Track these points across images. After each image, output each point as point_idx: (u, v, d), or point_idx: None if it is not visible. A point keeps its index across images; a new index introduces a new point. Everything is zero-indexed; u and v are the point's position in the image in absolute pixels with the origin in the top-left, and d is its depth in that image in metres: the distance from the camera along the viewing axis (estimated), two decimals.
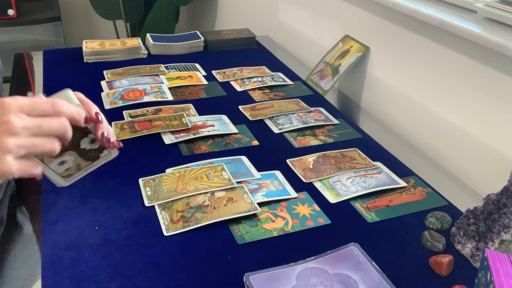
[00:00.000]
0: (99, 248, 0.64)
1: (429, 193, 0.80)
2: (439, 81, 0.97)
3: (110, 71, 1.19)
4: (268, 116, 1.02)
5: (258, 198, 0.75)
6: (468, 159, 0.91)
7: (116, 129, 0.93)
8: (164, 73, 1.19)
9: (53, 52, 1.32)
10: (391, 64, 1.10)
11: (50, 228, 0.67)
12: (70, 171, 0.68)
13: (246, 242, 0.67)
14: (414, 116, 1.04)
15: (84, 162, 0.69)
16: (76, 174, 0.69)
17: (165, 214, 0.71)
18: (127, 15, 2.36)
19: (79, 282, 0.59)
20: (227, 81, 1.20)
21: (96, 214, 0.71)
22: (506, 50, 0.77)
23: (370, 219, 0.73)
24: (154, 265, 0.62)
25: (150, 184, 0.77)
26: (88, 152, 0.68)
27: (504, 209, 0.63)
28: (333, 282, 0.59)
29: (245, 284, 0.59)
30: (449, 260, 0.64)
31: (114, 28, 2.51)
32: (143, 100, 1.05)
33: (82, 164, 0.69)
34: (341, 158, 0.88)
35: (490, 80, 0.85)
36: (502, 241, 0.62)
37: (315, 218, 0.73)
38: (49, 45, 2.48)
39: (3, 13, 2.29)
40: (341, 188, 0.80)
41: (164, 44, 1.33)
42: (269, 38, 1.58)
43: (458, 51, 0.91)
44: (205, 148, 0.89)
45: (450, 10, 0.94)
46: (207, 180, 0.78)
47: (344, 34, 1.25)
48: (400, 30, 1.05)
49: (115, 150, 0.70)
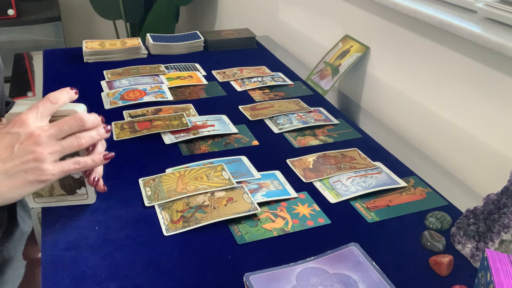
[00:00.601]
0: (99, 248, 0.64)
1: (429, 193, 0.80)
2: (439, 81, 0.97)
3: (110, 71, 1.19)
4: (268, 116, 1.02)
5: (258, 198, 0.75)
6: (468, 159, 0.91)
7: (116, 129, 0.93)
8: (164, 73, 1.19)
9: (53, 52, 1.32)
10: (391, 64, 1.10)
11: (50, 228, 0.67)
12: (43, 190, 0.68)
13: (246, 242, 0.67)
14: (414, 116, 1.04)
15: (59, 189, 0.68)
16: (46, 198, 0.69)
17: (165, 214, 0.71)
18: (127, 15, 2.36)
19: (79, 282, 0.59)
20: (227, 81, 1.20)
21: (96, 214, 0.71)
22: (506, 50, 0.77)
23: (370, 219, 0.73)
24: (154, 265, 0.62)
25: (150, 184, 0.77)
26: (67, 178, 0.67)
27: (504, 209, 0.63)
28: (333, 282, 0.59)
29: (245, 284, 0.59)
30: (449, 260, 0.64)
31: (114, 28, 2.51)
32: (143, 100, 1.05)
33: (56, 190, 0.68)
34: (341, 158, 0.88)
35: (490, 80, 0.85)
36: (502, 241, 0.62)
37: (315, 218, 0.73)
38: (49, 45, 2.48)
39: (3, 13, 2.29)
40: (341, 188, 0.80)
41: (164, 44, 1.33)
42: (269, 38, 1.59)
43: (458, 51, 0.91)
44: (205, 148, 0.89)
45: (450, 10, 0.94)
46: (207, 180, 0.78)
47: (344, 34, 1.25)
48: (400, 30, 1.05)
49: (93, 198, 0.71)
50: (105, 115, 0.99)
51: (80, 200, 0.70)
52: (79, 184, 0.68)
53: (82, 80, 1.15)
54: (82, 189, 0.69)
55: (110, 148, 0.68)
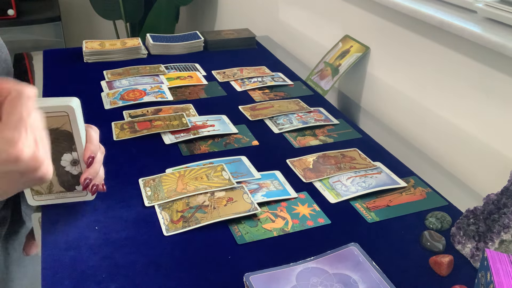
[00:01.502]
0: (99, 248, 0.64)
1: (429, 193, 0.80)
2: (439, 81, 0.97)
3: (110, 71, 1.19)
4: (268, 116, 1.02)
5: (258, 198, 0.75)
6: (468, 159, 0.91)
7: (116, 129, 0.93)
8: (164, 73, 1.19)
9: (53, 52, 1.32)
10: (391, 64, 1.10)
11: (50, 228, 0.67)
12: (41, 187, 0.67)
13: (246, 242, 0.67)
14: (414, 116, 1.04)
15: (57, 185, 0.67)
16: (45, 196, 0.68)
17: (165, 214, 0.71)
18: (127, 15, 2.36)
19: (79, 282, 0.59)
20: (227, 81, 1.20)
21: (96, 214, 0.71)
22: (506, 50, 0.77)
23: (370, 219, 0.73)
24: (154, 265, 0.62)
25: (150, 184, 0.77)
26: (65, 175, 0.67)
27: (504, 209, 0.63)
28: (333, 282, 0.59)
29: (245, 284, 0.59)
30: (449, 260, 0.64)
31: (114, 28, 2.51)
32: (143, 100, 1.05)
33: (55, 186, 0.67)
34: (341, 158, 0.88)
35: (490, 80, 0.85)
36: (502, 241, 0.62)
37: (315, 218, 0.73)
38: (49, 45, 2.47)
39: (3, 13, 2.29)
40: (341, 188, 0.80)
41: (164, 44, 1.33)
42: (269, 38, 1.59)
43: (458, 51, 0.91)
44: (205, 148, 0.89)
45: (450, 10, 0.94)
46: (207, 180, 0.78)
47: (344, 34, 1.25)
48: (400, 30, 1.05)
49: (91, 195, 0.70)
50: (105, 115, 1.00)
51: (79, 196, 0.69)
52: (78, 180, 0.68)
53: (82, 80, 1.15)
54: (81, 186, 0.68)
55: (110, 148, 0.68)
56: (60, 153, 0.64)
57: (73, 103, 0.61)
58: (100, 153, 0.67)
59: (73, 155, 0.64)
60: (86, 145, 0.64)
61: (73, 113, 0.61)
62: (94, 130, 0.66)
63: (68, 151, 0.64)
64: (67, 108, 0.60)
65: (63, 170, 0.66)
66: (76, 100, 0.62)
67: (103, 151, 0.68)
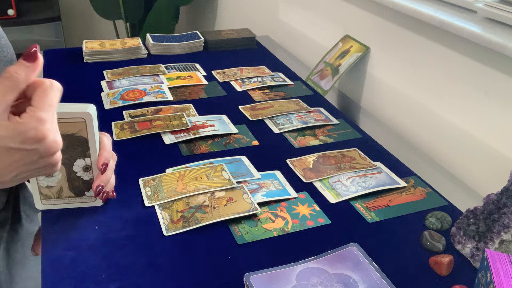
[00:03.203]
0: (99, 248, 0.64)
1: (429, 193, 0.80)
2: (439, 81, 0.97)
3: (110, 71, 1.19)
4: (268, 116, 1.02)
5: (258, 198, 0.75)
6: (468, 159, 0.91)
7: (116, 129, 0.93)
8: (164, 73, 1.19)
9: (53, 52, 1.32)
10: (391, 64, 1.10)
11: (50, 228, 0.67)
12: (51, 192, 0.67)
13: (246, 242, 0.67)
14: (414, 116, 1.04)
15: (67, 190, 0.67)
16: (54, 200, 0.68)
17: (165, 214, 0.71)
18: (127, 15, 2.36)
19: (79, 282, 0.59)
20: (227, 81, 1.20)
21: (96, 214, 0.70)
22: (506, 50, 0.77)
23: (370, 219, 0.73)
24: (154, 265, 0.62)
25: (150, 184, 0.77)
26: (77, 180, 0.67)
27: (504, 209, 0.63)
28: (333, 282, 0.59)
29: (245, 284, 0.59)
30: (449, 260, 0.64)
31: (114, 28, 2.51)
32: (143, 100, 1.05)
33: (64, 191, 0.67)
34: (341, 158, 0.88)
35: (490, 80, 0.85)
36: (502, 241, 0.62)
37: (315, 218, 0.73)
38: (49, 45, 2.48)
39: (3, 13, 2.29)
40: (341, 188, 0.80)
41: (164, 44, 1.33)
42: (269, 38, 1.59)
43: (458, 51, 0.91)
44: (205, 148, 0.89)
45: (450, 10, 0.94)
46: (207, 180, 0.78)
47: (344, 34, 1.25)
48: (400, 30, 1.05)
49: (101, 200, 0.70)
50: (105, 115, 1.00)
51: (88, 202, 0.69)
52: (88, 186, 0.68)
53: (82, 80, 1.15)
54: (90, 191, 0.68)
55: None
56: (74, 159, 0.64)
57: (90, 110, 0.61)
58: (113, 160, 0.67)
59: (86, 161, 0.64)
60: (100, 152, 0.64)
61: (91, 119, 0.61)
62: (107, 137, 0.66)
63: (81, 157, 0.64)
64: (85, 115, 0.60)
65: (75, 175, 0.66)
66: (93, 106, 0.62)
67: (115, 158, 0.68)
